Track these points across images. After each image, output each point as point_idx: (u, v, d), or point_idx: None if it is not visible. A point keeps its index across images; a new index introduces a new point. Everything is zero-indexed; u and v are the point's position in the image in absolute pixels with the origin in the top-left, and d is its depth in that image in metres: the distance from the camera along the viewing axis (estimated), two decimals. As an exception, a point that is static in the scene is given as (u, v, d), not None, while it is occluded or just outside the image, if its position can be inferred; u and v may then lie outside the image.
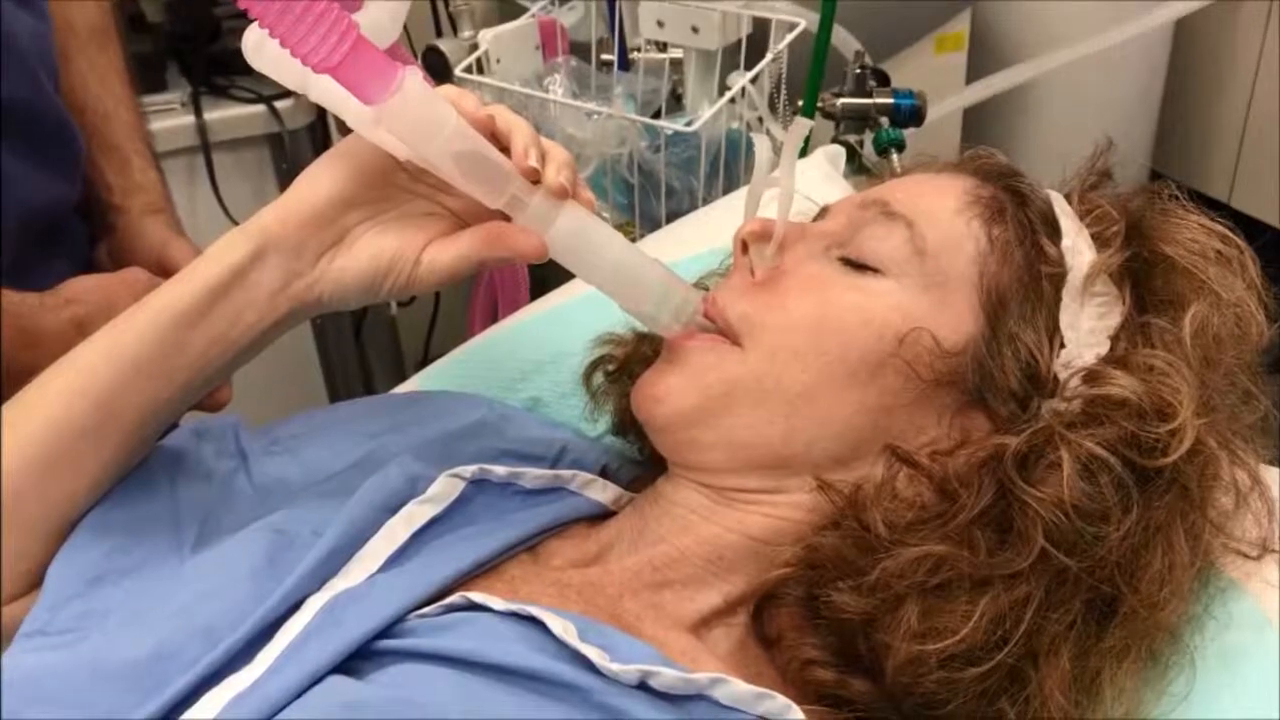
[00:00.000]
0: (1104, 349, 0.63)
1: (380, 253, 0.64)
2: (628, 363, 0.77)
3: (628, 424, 0.77)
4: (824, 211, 0.73)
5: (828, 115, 1.37)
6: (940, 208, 0.67)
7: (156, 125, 1.49)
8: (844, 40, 1.44)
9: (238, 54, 1.62)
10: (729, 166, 1.18)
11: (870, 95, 1.38)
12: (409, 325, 2.04)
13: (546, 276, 1.08)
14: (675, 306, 0.66)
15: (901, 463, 0.62)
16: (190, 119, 1.58)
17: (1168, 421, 0.59)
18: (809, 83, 1.29)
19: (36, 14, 0.90)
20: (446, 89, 0.63)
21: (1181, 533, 0.60)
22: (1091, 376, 0.61)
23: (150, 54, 1.63)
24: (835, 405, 0.64)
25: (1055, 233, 0.67)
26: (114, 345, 0.64)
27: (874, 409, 0.64)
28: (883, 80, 1.41)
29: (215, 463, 0.72)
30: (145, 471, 0.68)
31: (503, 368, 0.88)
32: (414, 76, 0.58)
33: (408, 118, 0.58)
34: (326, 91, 0.62)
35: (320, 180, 0.64)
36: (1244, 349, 0.64)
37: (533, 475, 0.71)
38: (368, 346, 1.93)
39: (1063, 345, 0.64)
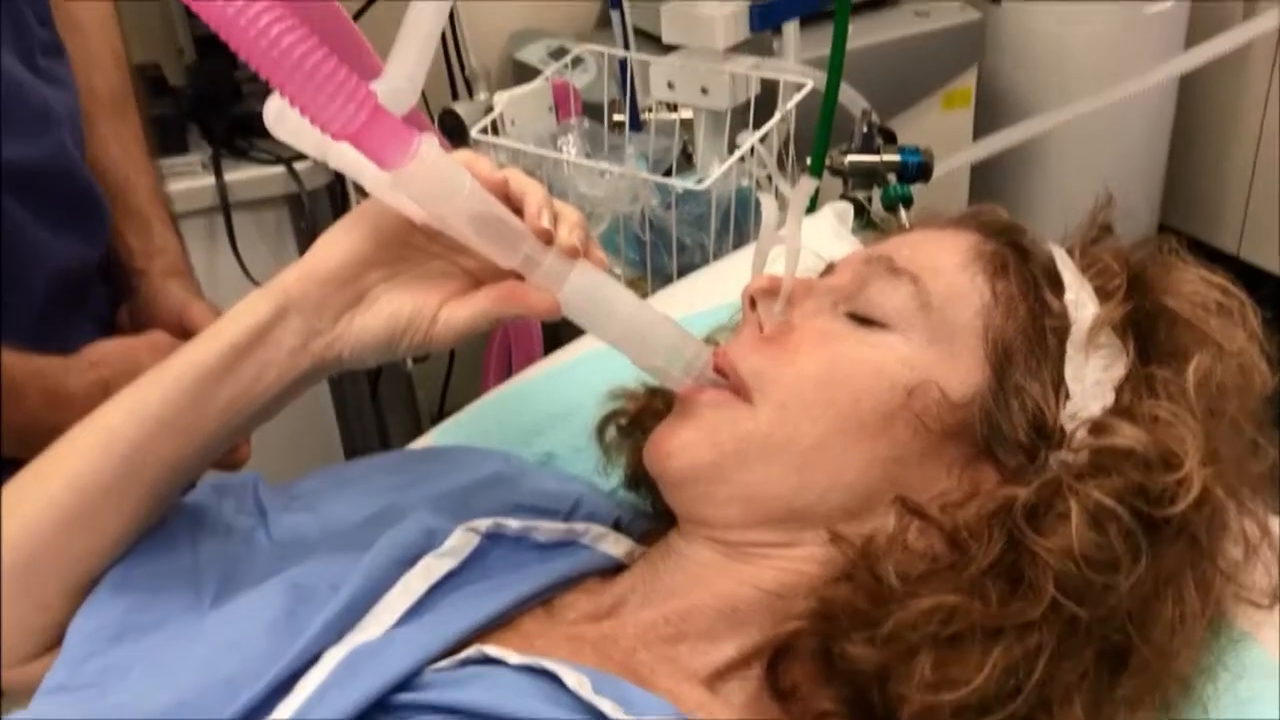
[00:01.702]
0: (1109, 400, 0.64)
1: (398, 311, 0.65)
2: (640, 417, 0.78)
3: (640, 477, 0.78)
4: (830, 267, 0.74)
5: (836, 172, 1.39)
6: (944, 263, 0.69)
7: (177, 186, 1.54)
8: (851, 98, 1.46)
9: (258, 117, 1.65)
10: (739, 223, 1.19)
11: (878, 152, 1.41)
12: (425, 381, 2.05)
13: (560, 332, 1.10)
14: (686, 361, 0.67)
15: (912, 514, 0.63)
16: (210, 180, 1.61)
17: (1174, 471, 0.59)
18: (817, 141, 1.32)
19: (64, 85, 0.93)
20: (461, 153, 0.65)
21: (1192, 582, 0.61)
22: (1098, 428, 0.62)
23: (172, 117, 1.66)
24: (846, 458, 0.65)
25: (1058, 287, 0.68)
26: (139, 403, 0.65)
27: (884, 461, 0.65)
28: (889, 138, 1.44)
29: (235, 519, 0.74)
30: (166, 528, 0.69)
31: (517, 423, 0.90)
32: (430, 142, 0.60)
33: (424, 182, 0.60)
34: (345, 157, 0.64)
35: (340, 242, 0.66)
36: (1248, 399, 0.65)
37: (547, 529, 0.72)
38: (384, 402, 1.95)
39: (1068, 397, 0.65)
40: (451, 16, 1.85)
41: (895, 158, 1.38)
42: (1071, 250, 0.72)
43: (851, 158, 1.39)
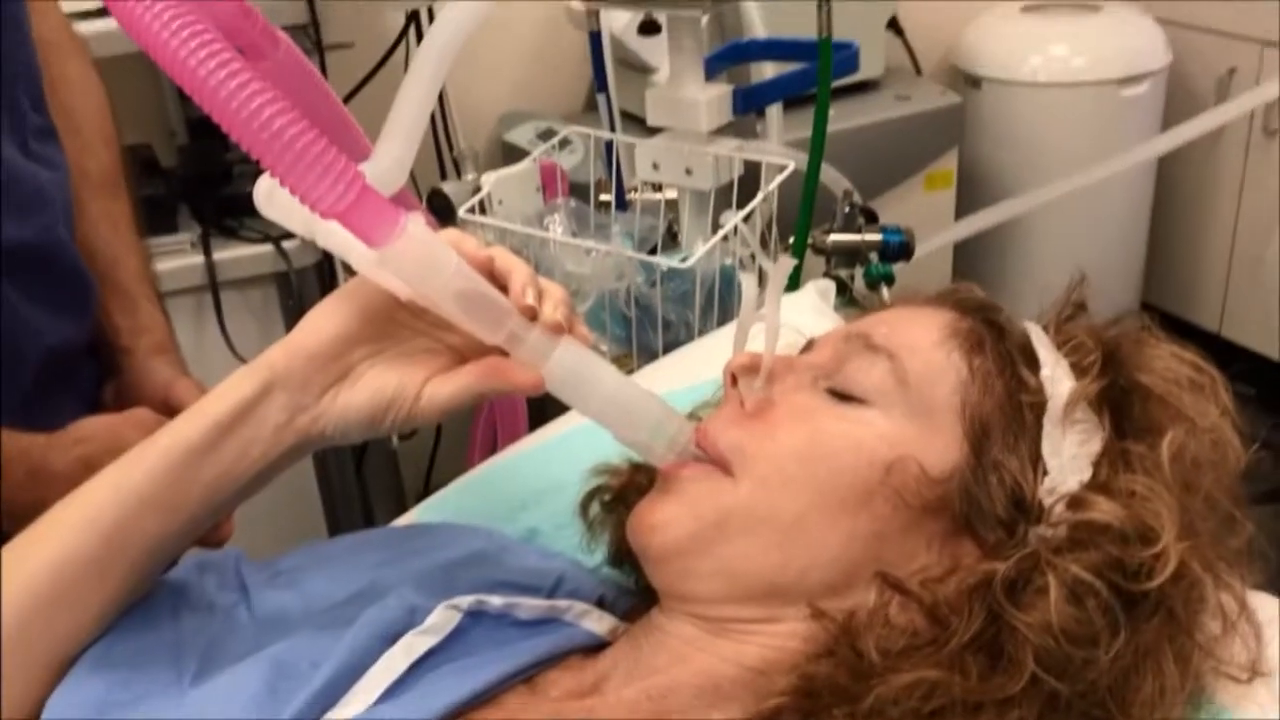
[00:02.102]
0: (1086, 475, 0.65)
1: (382, 388, 0.66)
2: (623, 492, 0.79)
3: (624, 553, 0.78)
4: (810, 344, 0.75)
5: (819, 251, 1.41)
6: (921, 340, 0.70)
7: (166, 265, 1.55)
8: (834, 179, 1.49)
9: (248, 197, 1.67)
10: (723, 300, 1.21)
11: (859, 232, 1.43)
12: (410, 458, 2.05)
13: (545, 408, 1.10)
14: (669, 437, 0.67)
15: (893, 590, 0.63)
16: (199, 259, 1.63)
17: (1151, 546, 0.60)
18: (799, 222, 1.34)
19: (56, 167, 0.94)
20: (448, 232, 0.67)
21: (1170, 656, 0.61)
22: (1075, 502, 0.63)
23: (162, 196, 1.68)
24: (827, 533, 0.65)
25: (1033, 363, 0.69)
26: (122, 480, 0.66)
27: (865, 536, 0.65)
28: (871, 217, 1.46)
29: (217, 595, 0.73)
30: (147, 605, 0.69)
31: (501, 498, 0.90)
32: (416, 220, 0.61)
33: (410, 260, 0.61)
34: (333, 236, 0.65)
35: (326, 319, 0.67)
36: (1222, 473, 0.66)
37: (529, 605, 0.72)
38: (369, 480, 1.95)
39: (1046, 472, 0.65)
40: (440, 98, 1.89)
41: (877, 237, 1.40)
42: (1047, 327, 0.73)
43: (834, 237, 1.41)
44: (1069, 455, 0.66)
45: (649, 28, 1.30)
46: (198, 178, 1.76)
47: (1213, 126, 2.33)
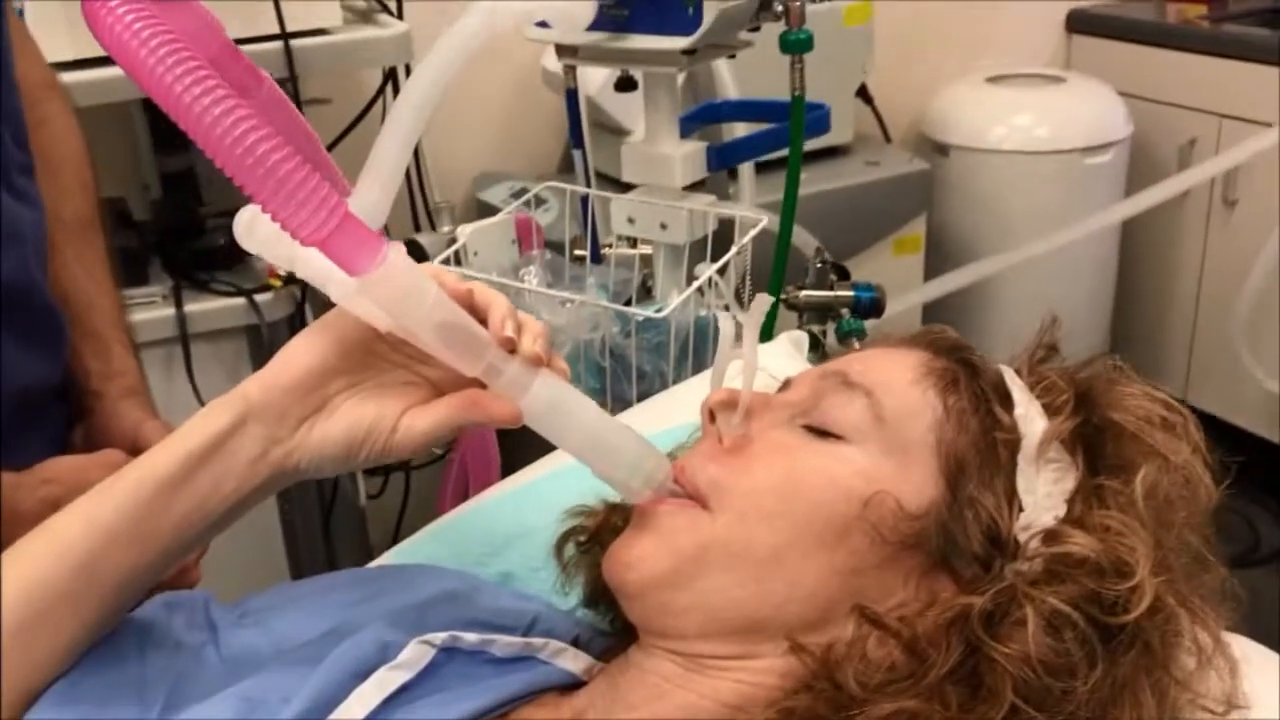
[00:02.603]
0: (1061, 512, 0.66)
1: (359, 419, 0.66)
2: (598, 533, 0.78)
3: (599, 594, 0.78)
4: (786, 384, 0.76)
5: (791, 307, 1.43)
6: (896, 379, 0.70)
7: (137, 317, 1.54)
8: (805, 240, 1.51)
9: (220, 250, 1.66)
10: (697, 351, 1.22)
11: (831, 288, 1.44)
12: (378, 516, 2.03)
13: (516, 457, 1.10)
14: (647, 473, 0.67)
15: (871, 624, 0.63)
16: (170, 311, 1.62)
17: (1126, 579, 0.60)
18: (772, 279, 1.35)
19: (33, 205, 0.94)
20: (428, 266, 0.67)
21: (1148, 689, 0.61)
22: (1051, 537, 0.63)
23: (135, 248, 1.68)
24: (804, 567, 0.65)
25: (1008, 402, 0.70)
26: (93, 512, 0.65)
27: (842, 571, 0.65)
28: (843, 274, 1.47)
29: (185, 634, 0.72)
30: (114, 641, 0.68)
31: (474, 543, 0.89)
32: (397, 250, 0.61)
33: (390, 289, 0.61)
34: (312, 265, 0.65)
35: (303, 351, 0.67)
36: (1194, 510, 0.67)
37: (504, 643, 0.71)
38: (336, 539, 1.92)
39: (1021, 509, 0.66)
40: (416, 156, 1.90)
41: (849, 293, 1.41)
42: (1019, 369, 0.74)
43: (806, 293, 1.42)
44: (1043, 493, 0.67)
45: (625, 84, 1.32)
46: (170, 231, 1.76)
47: (1171, 194, 2.40)
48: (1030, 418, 0.69)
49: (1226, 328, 2.42)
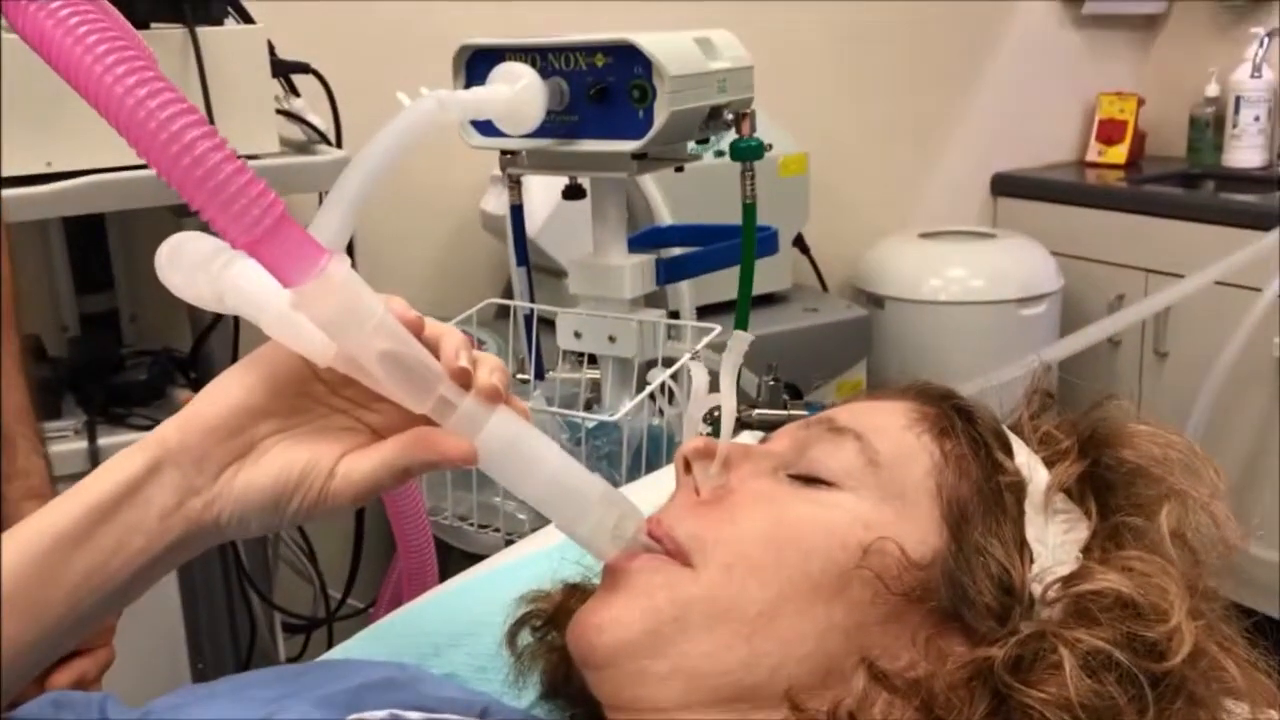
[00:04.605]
0: (1076, 564, 0.59)
1: (290, 464, 0.58)
2: (556, 616, 0.70)
3: (559, 683, 0.69)
4: (765, 439, 0.69)
5: (744, 425, 1.37)
6: (887, 424, 0.65)
7: (47, 451, 1.44)
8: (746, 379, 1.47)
9: (139, 385, 1.57)
10: (650, 461, 1.15)
11: (785, 407, 1.39)
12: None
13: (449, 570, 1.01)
14: (614, 525, 0.60)
15: (878, 683, 0.55)
16: (83, 444, 1.52)
17: (1163, 621, 0.54)
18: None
19: None
20: (381, 295, 0.60)
21: None
22: (1074, 577, 0.57)
23: (49, 381, 1.58)
24: (800, 624, 0.57)
25: (1008, 447, 0.64)
26: None
27: (843, 628, 0.57)
28: (796, 394, 1.43)
29: (75, 738, 0.62)
30: (-12, 743, 0.57)
31: (413, 643, 0.79)
32: (340, 261, 0.55)
33: (330, 303, 0.54)
34: (242, 293, 0.59)
35: (229, 388, 0.59)
36: (1226, 551, 0.60)
37: (454, 723, 0.61)
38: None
39: (1032, 559, 0.60)
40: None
41: (803, 412, 1.36)
42: (1015, 427, 0.69)
43: (759, 411, 1.37)
44: (1055, 543, 0.60)
45: (573, 192, 1.29)
46: (86, 367, 1.67)
47: (1099, 339, 2.42)
48: (1032, 466, 0.63)
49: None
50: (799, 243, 2.41)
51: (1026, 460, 0.64)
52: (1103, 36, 3.05)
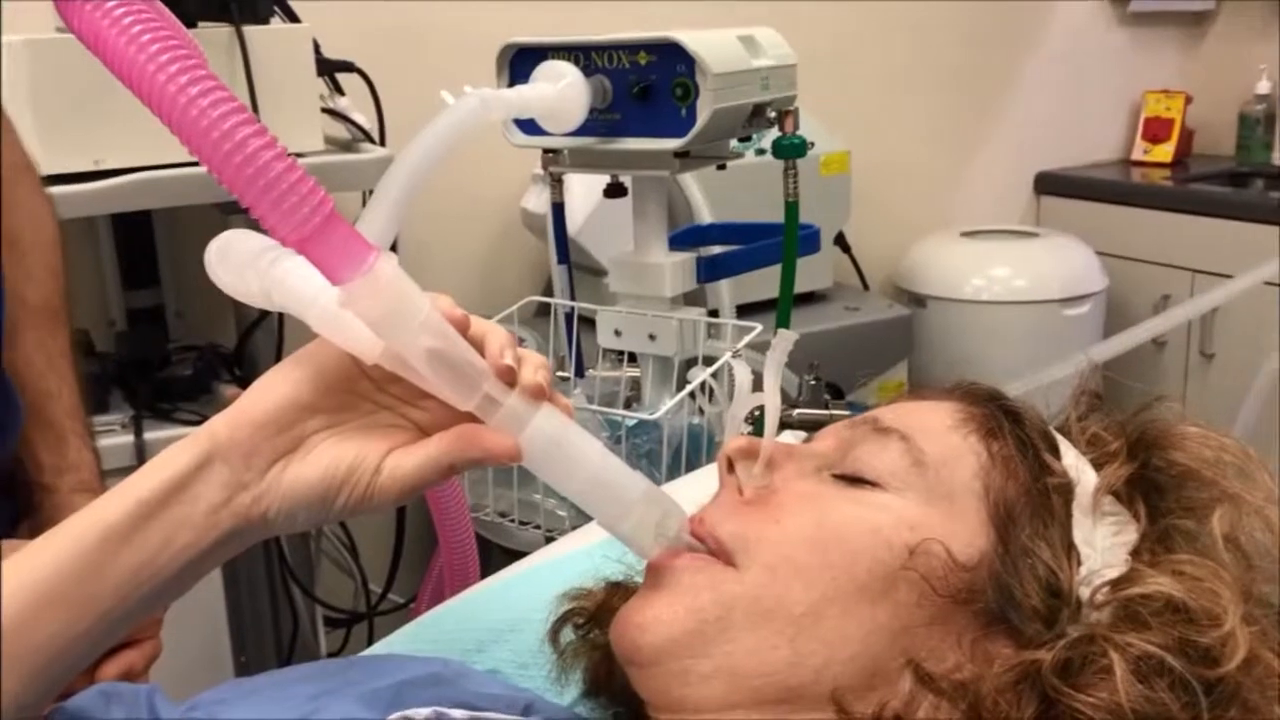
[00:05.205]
0: (1125, 566, 0.58)
1: (337, 460, 0.58)
2: (599, 614, 0.70)
3: (601, 681, 0.69)
4: (808, 439, 0.69)
5: (786, 425, 1.36)
6: (933, 424, 0.64)
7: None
8: (787, 379, 1.46)
9: (185, 380, 1.60)
10: (690, 460, 1.15)
11: (826, 406, 1.39)
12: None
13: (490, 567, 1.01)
14: (657, 523, 0.60)
15: (924, 685, 0.55)
16: (129, 438, 1.54)
17: (1216, 626, 0.53)
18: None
19: None
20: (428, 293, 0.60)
21: None
22: (1123, 580, 0.56)
23: (96, 376, 1.60)
24: (845, 625, 0.57)
25: (1055, 449, 0.64)
26: (25, 568, 0.56)
27: (888, 629, 0.57)
28: (837, 393, 1.42)
29: (123, 728, 0.62)
30: (39, 733, 0.58)
31: (456, 639, 0.80)
32: (388, 259, 0.55)
33: (377, 301, 0.55)
34: (289, 290, 0.59)
35: (278, 384, 0.59)
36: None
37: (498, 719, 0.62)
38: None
39: (1080, 562, 0.59)
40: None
41: (845, 412, 1.35)
42: (1062, 428, 0.68)
43: (799, 411, 1.37)
44: (1103, 546, 0.60)
45: (615, 190, 1.29)
46: (134, 362, 1.69)
47: (1144, 340, 2.39)
48: (1080, 468, 0.63)
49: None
50: (840, 241, 2.39)
51: (1074, 462, 0.63)
52: (1149, 34, 3.01)
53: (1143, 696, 0.51)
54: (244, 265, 0.61)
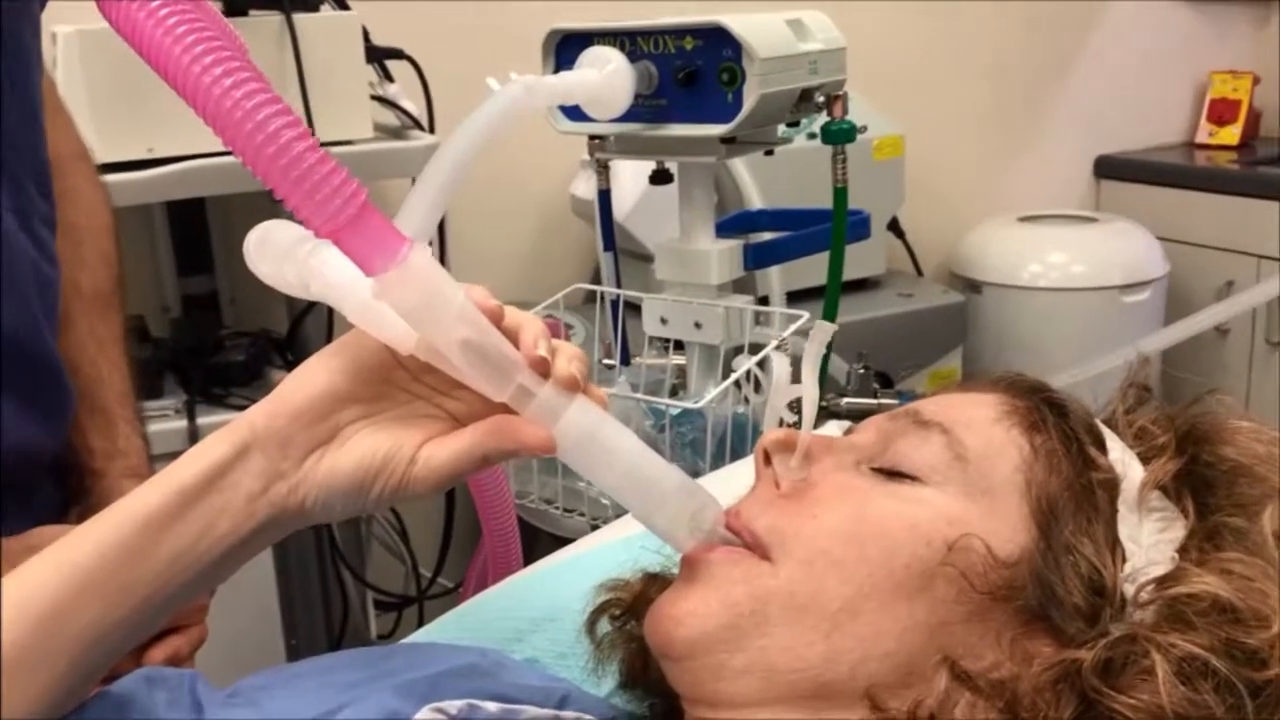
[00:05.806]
0: (1171, 564, 0.57)
1: (373, 450, 0.58)
2: (636, 605, 0.69)
3: (637, 673, 0.68)
4: (849, 431, 0.68)
5: (833, 414, 1.35)
6: (976, 416, 0.63)
7: (149, 430, 1.48)
8: (836, 367, 1.45)
9: (238, 365, 1.62)
10: (735, 449, 1.14)
11: (874, 396, 1.37)
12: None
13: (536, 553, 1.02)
14: (692, 516, 0.59)
15: (961, 684, 0.54)
16: (183, 424, 1.56)
17: (1265, 627, 0.51)
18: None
19: (45, 253, 0.89)
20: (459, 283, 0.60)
21: None
22: (1169, 579, 0.55)
23: (150, 361, 1.63)
24: (882, 620, 0.56)
25: (1101, 444, 0.62)
26: (66, 555, 0.57)
27: (926, 626, 0.56)
28: (886, 382, 1.41)
29: (166, 713, 0.63)
30: (84, 717, 0.59)
31: (493, 630, 0.80)
32: (421, 250, 0.55)
33: (411, 292, 0.55)
34: (327, 280, 0.59)
35: (315, 374, 0.60)
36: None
37: (531, 714, 0.62)
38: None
39: (1125, 558, 0.58)
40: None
41: (894, 401, 1.34)
42: (1109, 421, 0.67)
43: (848, 400, 1.36)
44: (1149, 542, 0.58)
45: (661, 177, 1.28)
46: (188, 348, 1.72)
47: (1206, 327, 2.33)
48: (1127, 462, 0.61)
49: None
50: (894, 226, 2.36)
51: (1120, 456, 0.62)
52: (1215, 12, 2.94)
53: (1185, 699, 0.49)
54: (282, 256, 0.62)
